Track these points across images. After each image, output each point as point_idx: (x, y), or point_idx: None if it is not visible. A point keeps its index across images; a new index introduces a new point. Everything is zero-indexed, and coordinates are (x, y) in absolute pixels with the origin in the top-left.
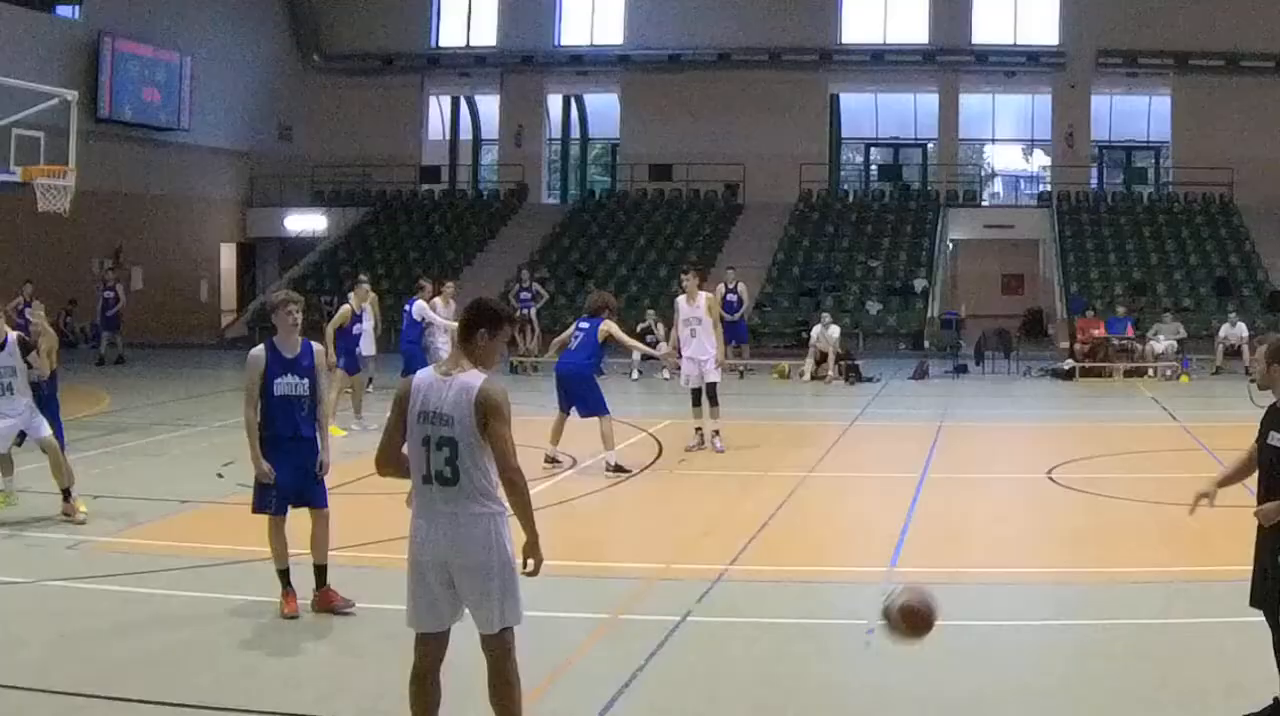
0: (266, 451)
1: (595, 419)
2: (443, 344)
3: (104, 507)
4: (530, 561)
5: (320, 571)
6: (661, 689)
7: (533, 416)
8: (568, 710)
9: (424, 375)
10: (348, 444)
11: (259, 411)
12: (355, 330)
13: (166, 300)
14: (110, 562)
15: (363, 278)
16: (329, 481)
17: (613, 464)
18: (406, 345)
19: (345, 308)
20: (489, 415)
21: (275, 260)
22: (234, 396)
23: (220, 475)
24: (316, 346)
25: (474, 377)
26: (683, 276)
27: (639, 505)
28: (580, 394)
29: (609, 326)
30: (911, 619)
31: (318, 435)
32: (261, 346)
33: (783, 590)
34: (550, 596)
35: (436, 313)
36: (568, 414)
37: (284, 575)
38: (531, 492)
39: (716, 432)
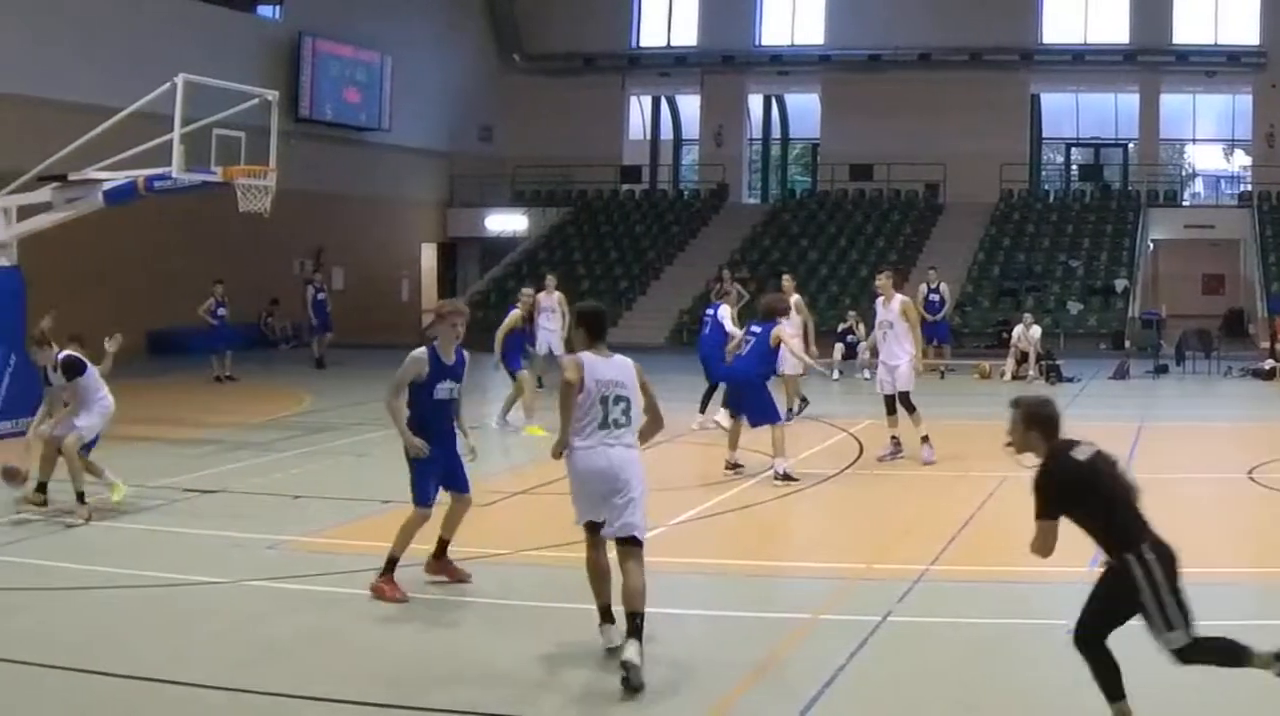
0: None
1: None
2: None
3: (305, 507)
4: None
5: (443, 545)
6: (862, 688)
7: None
8: (769, 709)
9: (588, 356)
10: (534, 448)
11: (414, 412)
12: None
13: (368, 300)
14: (310, 562)
15: (526, 290)
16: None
17: (781, 472)
18: (710, 348)
19: (515, 313)
20: (642, 376)
21: (476, 260)
22: None
23: None
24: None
25: (623, 357)
26: (877, 276)
27: (839, 505)
28: (749, 401)
29: (782, 331)
30: None
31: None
32: (424, 349)
33: (983, 590)
34: (751, 596)
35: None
36: (742, 420)
37: (393, 563)
38: (730, 494)
39: (925, 439)
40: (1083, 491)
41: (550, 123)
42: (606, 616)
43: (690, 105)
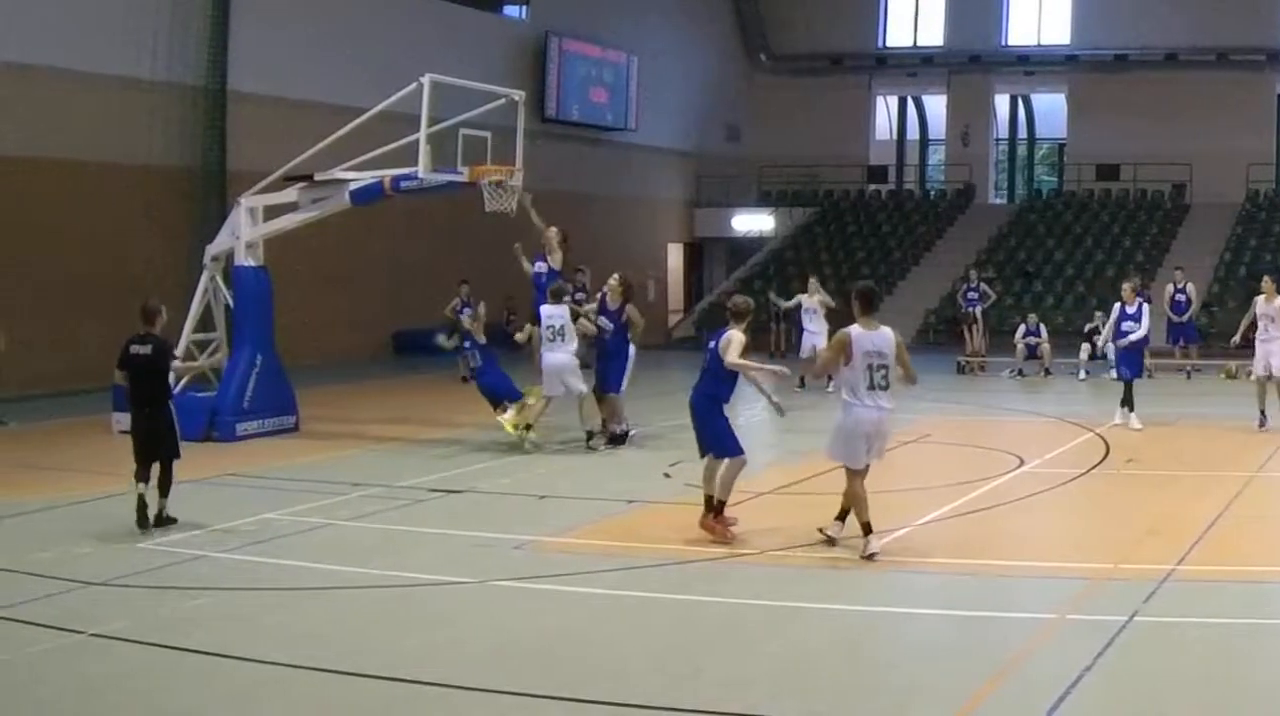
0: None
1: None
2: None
3: (550, 507)
4: None
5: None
6: (1108, 689)
7: (982, 417)
8: (1015, 708)
9: (858, 329)
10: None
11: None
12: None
13: None
14: (555, 562)
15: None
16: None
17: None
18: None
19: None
20: (901, 349)
21: (722, 260)
22: (683, 396)
23: (667, 475)
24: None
25: (888, 329)
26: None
27: (1085, 505)
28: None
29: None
30: None
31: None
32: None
33: (1230, 590)
34: (997, 596)
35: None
36: None
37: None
38: (976, 494)
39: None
40: None
41: (797, 122)
42: (869, 530)
43: (936, 105)
